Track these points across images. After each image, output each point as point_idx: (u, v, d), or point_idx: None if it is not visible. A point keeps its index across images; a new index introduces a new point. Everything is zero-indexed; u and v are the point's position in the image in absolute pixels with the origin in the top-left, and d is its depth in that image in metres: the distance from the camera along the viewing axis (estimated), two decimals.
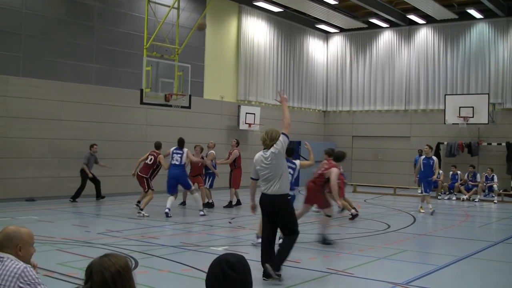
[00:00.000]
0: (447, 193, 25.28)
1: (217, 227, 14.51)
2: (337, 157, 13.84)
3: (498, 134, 28.20)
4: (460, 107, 27.62)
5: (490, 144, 28.11)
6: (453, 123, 27.98)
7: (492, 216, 20.49)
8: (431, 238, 14.33)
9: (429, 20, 30.02)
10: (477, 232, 16.23)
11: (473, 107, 27.38)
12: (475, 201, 23.64)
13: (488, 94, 28.01)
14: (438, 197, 24.77)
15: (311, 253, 11.38)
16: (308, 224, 15.87)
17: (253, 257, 10.41)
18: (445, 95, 28.89)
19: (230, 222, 15.39)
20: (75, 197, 19.53)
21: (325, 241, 12.28)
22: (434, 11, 28.52)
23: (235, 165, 19.46)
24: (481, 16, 28.68)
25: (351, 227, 15.60)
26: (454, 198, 24.76)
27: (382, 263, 10.56)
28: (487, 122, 27.40)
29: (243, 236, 13.10)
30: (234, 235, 13.19)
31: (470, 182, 24.96)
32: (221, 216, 16.70)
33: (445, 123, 28.30)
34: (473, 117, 27.33)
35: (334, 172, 12.73)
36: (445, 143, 28.92)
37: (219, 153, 25.87)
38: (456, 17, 29.09)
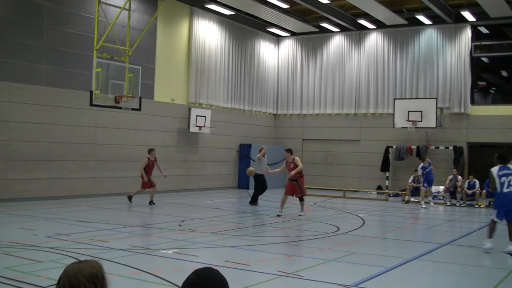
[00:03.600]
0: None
1: (167, 230, 14.42)
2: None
3: (446, 138, 28.67)
4: (409, 111, 27.99)
5: (438, 147, 28.55)
6: (402, 127, 28.34)
7: (439, 218, 20.81)
8: (380, 240, 14.50)
9: (379, 25, 30.38)
10: (425, 234, 16.47)
11: (421, 111, 27.78)
12: (429, 202, 24.07)
13: (436, 98, 28.43)
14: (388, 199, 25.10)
15: (261, 255, 11.40)
16: (259, 227, 15.93)
17: (203, 259, 10.41)
18: (394, 99, 29.24)
19: (180, 225, 15.32)
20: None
21: None
22: (384, 17, 28.87)
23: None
24: (430, 22, 29.13)
25: (301, 229, 15.68)
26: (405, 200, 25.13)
27: (332, 265, 10.64)
28: (435, 126, 27.82)
29: (192, 239, 13.05)
30: (184, 238, 13.13)
31: (415, 185, 25.31)
32: (171, 219, 16.61)
33: (394, 127, 28.65)
34: (421, 121, 27.71)
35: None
36: (394, 146, 29.28)
37: (169, 157, 25.81)
38: (406, 22, 29.49)
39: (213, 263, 9.51)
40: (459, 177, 24.88)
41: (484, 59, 30.83)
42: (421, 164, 24.75)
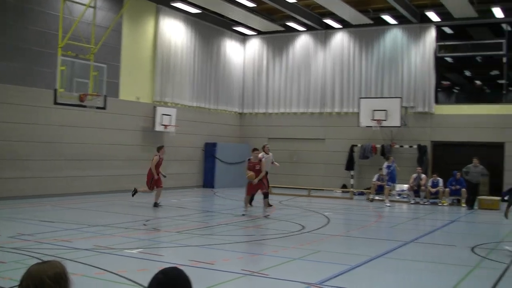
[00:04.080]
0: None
1: (132, 229, 14.34)
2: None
3: (410, 137, 28.93)
4: (373, 110, 28.18)
5: (402, 146, 28.80)
6: (367, 126, 28.52)
7: (404, 217, 21.01)
8: (345, 239, 14.58)
9: (345, 24, 30.54)
10: (389, 232, 16.61)
11: (386, 110, 27.99)
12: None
13: (401, 98, 28.67)
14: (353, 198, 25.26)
15: (226, 254, 11.40)
16: (224, 226, 15.91)
17: (168, 259, 10.38)
18: (360, 98, 29.43)
19: (145, 225, 15.25)
20: None
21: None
22: (350, 16, 29.04)
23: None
24: (395, 22, 29.38)
25: (266, 228, 15.70)
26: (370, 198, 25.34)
27: (297, 263, 10.67)
28: (399, 125, 28.06)
29: (157, 239, 13.00)
30: (148, 238, 13.08)
31: (380, 183, 25.51)
32: (135, 219, 16.52)
33: (359, 126, 28.83)
34: (386, 120, 27.92)
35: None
36: (359, 145, 29.47)
37: (134, 156, 25.68)
38: (371, 22, 29.69)
39: (178, 262, 9.47)
40: (423, 175, 25.14)
41: (448, 59, 31.16)
42: (386, 163, 24.97)
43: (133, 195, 20.49)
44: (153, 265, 9.73)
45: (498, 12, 26.81)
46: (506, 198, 15.14)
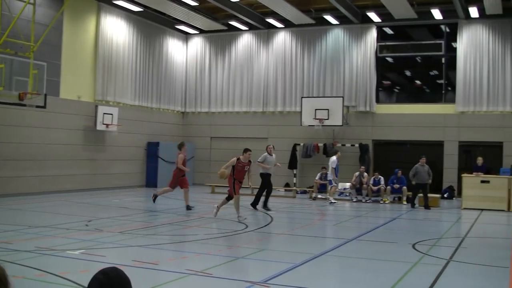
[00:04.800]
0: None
1: (74, 230, 14.11)
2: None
3: (352, 136, 29.26)
4: (316, 110, 28.40)
5: (344, 145, 29.10)
6: (309, 125, 28.73)
7: (346, 214, 21.21)
8: (288, 237, 14.64)
9: (288, 24, 30.68)
10: (332, 230, 16.76)
11: (328, 109, 28.24)
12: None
13: (343, 97, 28.97)
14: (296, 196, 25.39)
15: (170, 254, 11.33)
16: (167, 226, 15.82)
17: (111, 259, 10.26)
18: (302, 97, 29.62)
19: (87, 225, 15.03)
20: None
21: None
22: (292, 16, 29.19)
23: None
24: (337, 22, 29.65)
25: (210, 227, 15.66)
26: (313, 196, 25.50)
27: (241, 262, 10.67)
28: (341, 124, 28.34)
29: (100, 239, 12.83)
30: (91, 238, 12.89)
31: (322, 182, 25.72)
32: (77, 219, 16.27)
33: (301, 125, 29.02)
34: (328, 119, 28.17)
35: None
36: (302, 144, 29.65)
37: (75, 155, 25.32)
38: (314, 22, 29.90)
39: (121, 263, 9.37)
40: (365, 174, 25.46)
41: (389, 59, 31.60)
42: (335, 157, 25.03)
43: (154, 201, 20.11)
44: (95, 266, 9.55)
45: (437, 14, 27.34)
46: None
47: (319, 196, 25.48)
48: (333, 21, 29.42)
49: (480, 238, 15.16)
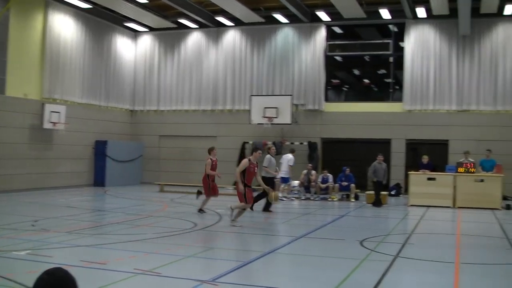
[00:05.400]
0: None
1: (20, 230, 13.85)
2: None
3: (301, 134, 29.41)
4: (265, 108, 28.47)
5: (293, 143, 29.21)
6: (258, 123, 28.77)
7: (295, 212, 21.28)
8: (237, 235, 14.62)
9: (237, 22, 30.67)
10: (281, 227, 16.80)
11: (277, 108, 28.34)
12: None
13: (292, 95, 29.11)
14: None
15: (118, 253, 11.21)
16: (115, 225, 15.67)
17: (58, 260, 10.10)
18: (251, 95, 29.66)
19: (33, 225, 14.77)
20: None
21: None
22: (242, 14, 29.19)
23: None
24: (287, 21, 29.77)
25: (159, 226, 15.55)
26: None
27: (190, 261, 10.62)
28: (290, 122, 28.47)
29: (47, 239, 12.62)
30: (37, 239, 12.68)
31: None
32: (23, 219, 15.99)
33: (250, 123, 29.06)
34: (277, 117, 28.27)
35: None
36: (251, 142, 29.67)
37: (21, 154, 24.90)
38: (263, 20, 29.97)
39: (68, 263, 9.23)
40: (313, 171, 25.60)
41: (338, 58, 31.89)
42: (291, 155, 25.13)
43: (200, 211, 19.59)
44: (42, 266, 9.37)
45: (385, 14, 27.69)
46: None
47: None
48: (282, 19, 29.53)
49: (426, 234, 15.39)
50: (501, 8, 26.77)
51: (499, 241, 14.25)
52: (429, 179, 23.01)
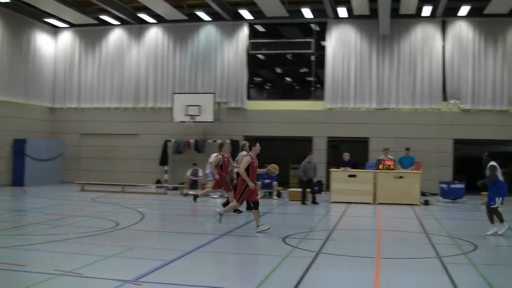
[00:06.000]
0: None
1: None
2: None
3: (223, 132, 29.43)
4: (187, 106, 28.37)
5: (216, 141, 29.18)
6: (180, 121, 28.65)
7: (215, 210, 21.25)
8: (160, 234, 14.53)
9: (160, 19, 30.45)
10: (204, 225, 16.74)
11: (200, 105, 28.29)
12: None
13: (214, 93, 29.11)
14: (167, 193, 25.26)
15: (38, 255, 10.95)
16: (35, 225, 15.34)
17: None
18: (173, 93, 29.49)
19: None
20: None
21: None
22: (164, 11, 29.00)
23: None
24: (210, 19, 29.73)
25: (79, 226, 15.28)
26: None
27: (112, 261, 10.47)
28: (212, 120, 28.47)
29: None
30: None
31: (194, 178, 25.72)
32: None
33: (172, 121, 28.90)
34: (199, 115, 28.22)
35: None
36: (173, 140, 29.51)
37: None
38: (186, 18, 29.85)
39: None
40: (236, 169, 25.57)
41: (260, 56, 32.04)
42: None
43: (239, 212, 18.76)
44: None
45: (307, 13, 28.01)
46: None
47: (191, 192, 25.40)
48: (205, 17, 29.49)
49: (347, 231, 15.61)
50: (419, 9, 27.50)
51: (418, 236, 14.61)
52: (350, 176, 23.38)
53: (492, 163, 14.83)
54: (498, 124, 27.95)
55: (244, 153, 18.81)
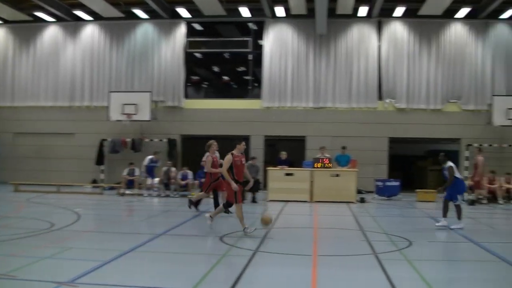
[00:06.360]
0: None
1: None
2: None
3: (160, 131, 29.27)
4: (124, 104, 28.11)
5: (153, 140, 29.05)
6: (117, 120, 28.38)
7: (155, 210, 21.17)
8: (96, 234, 14.38)
9: (96, 17, 30.08)
10: (141, 225, 16.64)
11: (136, 104, 28.08)
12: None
13: (151, 92, 28.93)
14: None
15: None
16: None
17: None
18: (110, 92, 29.18)
19: None
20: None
21: None
22: (101, 9, 28.69)
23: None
24: (147, 17, 29.53)
25: (14, 227, 14.99)
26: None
27: (47, 262, 10.32)
28: (149, 119, 28.30)
29: None
30: None
31: (130, 178, 25.53)
32: None
33: (109, 120, 28.59)
34: (136, 114, 28.02)
35: None
36: (109, 139, 29.20)
37: None
38: (123, 15, 29.57)
39: None
40: (173, 168, 25.55)
41: (198, 55, 31.97)
42: (152, 156, 25.12)
43: (191, 207, 18.95)
44: None
45: (245, 12, 28.12)
46: None
47: (127, 192, 25.22)
48: (142, 15, 29.30)
49: (285, 229, 15.73)
50: (356, 9, 27.93)
51: (354, 233, 14.83)
52: (287, 174, 23.58)
53: (450, 164, 15.47)
54: (432, 123, 28.59)
55: (207, 154, 18.74)
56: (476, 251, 12.50)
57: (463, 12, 27.96)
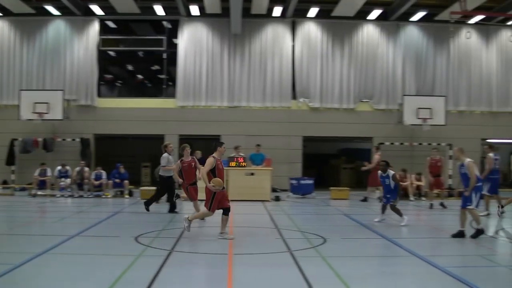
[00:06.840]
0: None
1: None
2: None
3: (73, 130, 28.80)
4: (35, 103, 27.52)
5: (65, 140, 28.56)
6: (28, 119, 27.73)
7: (68, 211, 20.82)
8: (7, 237, 14.02)
9: (6, 12, 29.33)
10: (54, 227, 16.33)
11: (48, 103, 27.53)
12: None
13: (63, 90, 28.42)
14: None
15: None
16: None
17: None
18: (20, 90, 28.48)
19: None
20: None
21: None
22: (11, 4, 28.06)
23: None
24: (59, 13, 28.97)
25: None
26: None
27: None
28: (61, 118, 27.80)
29: None
30: None
31: (42, 178, 25.03)
32: None
33: (19, 119, 27.89)
34: (48, 113, 27.48)
35: None
36: (20, 139, 28.52)
37: None
38: (34, 12, 28.94)
39: None
40: (86, 168, 25.18)
41: (111, 53, 31.64)
42: (60, 168, 24.80)
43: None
44: None
45: (159, 10, 28.00)
46: None
47: (39, 192, 24.70)
48: (54, 11, 28.74)
49: (200, 228, 15.71)
50: (270, 9, 28.23)
51: (269, 231, 14.97)
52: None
53: (393, 172, 16.32)
54: (345, 122, 29.21)
55: (166, 155, 18.58)
56: (388, 247, 12.86)
57: (375, 13, 28.71)
